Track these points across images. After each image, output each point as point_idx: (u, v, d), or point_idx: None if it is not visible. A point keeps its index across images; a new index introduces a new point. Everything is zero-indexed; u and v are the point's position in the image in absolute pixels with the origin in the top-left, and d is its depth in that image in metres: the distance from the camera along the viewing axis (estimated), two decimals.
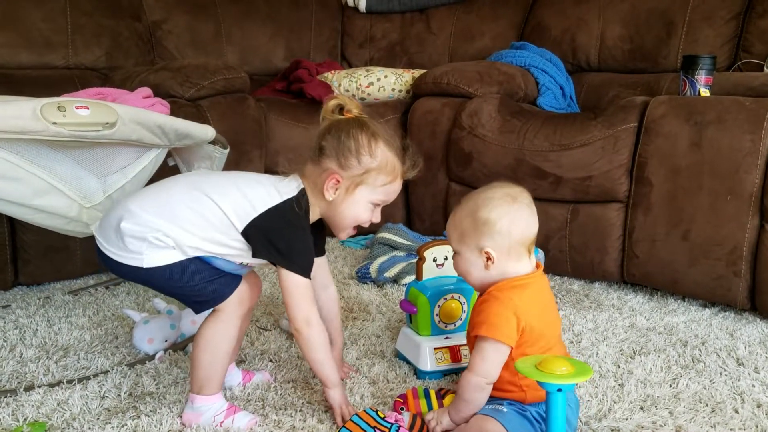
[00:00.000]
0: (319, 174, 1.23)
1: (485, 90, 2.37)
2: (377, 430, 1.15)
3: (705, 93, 2.02)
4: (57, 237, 1.81)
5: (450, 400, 1.28)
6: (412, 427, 1.21)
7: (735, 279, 1.78)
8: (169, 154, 1.62)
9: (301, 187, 1.25)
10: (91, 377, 1.42)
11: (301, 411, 1.29)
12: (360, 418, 1.17)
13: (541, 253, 1.56)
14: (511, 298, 1.15)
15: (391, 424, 1.16)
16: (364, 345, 1.61)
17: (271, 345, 1.61)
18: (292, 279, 1.21)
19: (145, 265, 1.17)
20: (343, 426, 1.16)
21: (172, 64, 2.51)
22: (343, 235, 1.31)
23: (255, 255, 1.21)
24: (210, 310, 1.25)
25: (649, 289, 2.03)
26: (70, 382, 1.40)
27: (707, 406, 1.32)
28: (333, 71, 2.91)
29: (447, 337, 1.49)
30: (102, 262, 1.24)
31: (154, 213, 1.18)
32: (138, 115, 1.43)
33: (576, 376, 1.00)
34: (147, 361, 1.51)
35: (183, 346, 1.58)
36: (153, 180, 1.42)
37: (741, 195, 1.74)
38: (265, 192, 1.22)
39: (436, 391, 1.34)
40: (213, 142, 1.60)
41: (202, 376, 1.24)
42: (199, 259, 1.21)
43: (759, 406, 1.32)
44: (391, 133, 1.28)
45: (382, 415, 1.18)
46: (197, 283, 1.20)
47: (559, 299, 1.95)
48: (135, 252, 1.18)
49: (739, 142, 1.74)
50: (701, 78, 2.02)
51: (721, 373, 1.46)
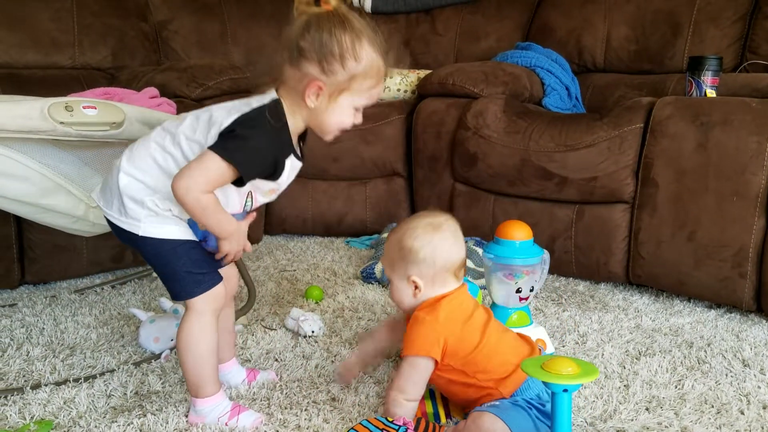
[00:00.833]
0: (300, 79, 1.14)
1: (490, 90, 2.37)
2: None
3: (711, 94, 2.02)
4: (63, 236, 1.83)
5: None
6: (417, 429, 1.20)
7: (741, 280, 1.78)
8: None
9: (275, 98, 1.18)
10: (98, 376, 1.43)
11: (306, 410, 1.29)
12: (369, 422, 1.17)
13: (546, 254, 1.55)
14: (436, 313, 1.21)
15: (399, 426, 1.16)
16: None
17: (277, 344, 1.61)
18: (217, 163, 1.10)
19: (141, 233, 1.18)
20: (352, 428, 1.16)
21: (178, 65, 2.53)
22: (329, 137, 1.22)
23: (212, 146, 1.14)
24: None
25: (655, 290, 2.03)
26: (76, 380, 1.40)
27: (713, 407, 1.32)
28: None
29: None
30: (109, 226, 1.24)
31: (145, 169, 1.18)
32: (145, 115, 1.43)
33: (582, 376, 1.00)
34: (153, 360, 1.52)
35: None
36: None
37: (747, 196, 1.74)
38: (234, 108, 1.17)
39: (440, 392, 1.34)
40: None
41: (194, 379, 1.23)
42: (192, 245, 1.20)
43: (765, 408, 1.32)
44: (373, 26, 1.18)
45: (390, 419, 1.18)
46: (179, 267, 1.19)
47: (564, 300, 1.96)
48: (134, 218, 1.18)
49: (745, 143, 1.73)
50: (707, 79, 2.02)
51: (726, 375, 1.46)
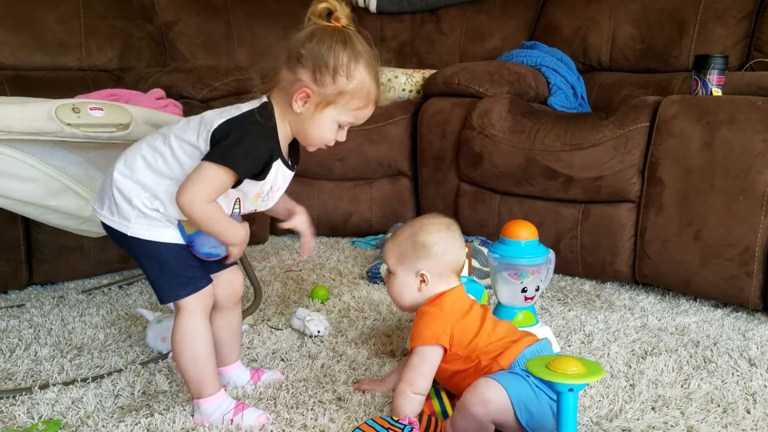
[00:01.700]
0: (292, 83, 1.17)
1: (496, 90, 2.37)
2: (390, 431, 1.15)
3: (717, 93, 2.02)
4: (71, 237, 1.84)
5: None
6: (427, 429, 1.21)
7: (747, 279, 1.77)
8: None
9: (264, 101, 1.20)
10: (105, 376, 1.44)
11: (312, 410, 1.29)
12: (375, 421, 1.17)
13: (552, 253, 1.55)
14: (441, 305, 1.27)
15: (404, 426, 1.16)
16: (374, 345, 1.62)
17: (283, 344, 1.62)
18: (214, 170, 1.13)
19: (129, 233, 1.20)
20: (357, 427, 1.17)
21: (184, 66, 2.53)
22: (311, 148, 1.25)
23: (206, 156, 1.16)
24: None
25: (661, 289, 2.03)
26: (84, 380, 1.41)
27: (719, 406, 1.31)
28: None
29: None
30: (103, 227, 1.26)
31: (134, 168, 1.20)
32: (151, 116, 1.44)
33: (587, 376, 1.00)
34: (160, 360, 1.52)
35: None
36: None
37: (753, 195, 1.73)
38: (225, 111, 1.20)
39: (447, 391, 1.34)
40: None
41: (194, 380, 1.24)
42: (179, 248, 1.22)
43: None
44: (375, 54, 1.21)
45: (396, 418, 1.18)
46: (165, 269, 1.21)
47: (570, 299, 1.95)
48: (124, 218, 1.20)
49: (752, 142, 1.73)
50: (713, 77, 2.02)
51: (733, 374, 1.46)
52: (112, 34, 2.64)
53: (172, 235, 1.22)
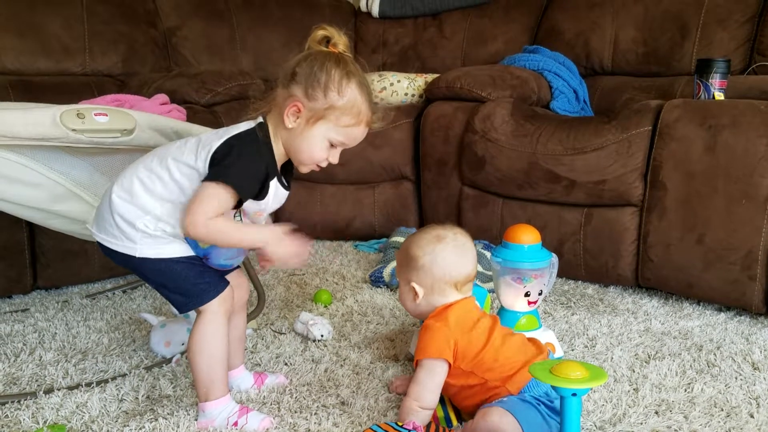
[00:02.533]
0: (285, 98, 1.20)
1: (498, 94, 2.38)
2: None
3: (719, 96, 2.02)
4: (75, 241, 1.84)
5: None
6: None
7: (750, 283, 1.77)
8: None
9: (260, 121, 1.22)
10: (110, 380, 1.44)
11: (316, 414, 1.30)
12: (379, 427, 1.17)
13: (555, 257, 1.56)
14: (446, 319, 1.25)
15: (408, 431, 1.16)
16: (377, 349, 1.62)
17: (286, 348, 1.62)
18: (216, 190, 1.15)
19: (138, 254, 1.20)
20: None
21: (187, 71, 2.55)
22: (304, 169, 1.26)
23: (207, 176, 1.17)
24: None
25: (664, 293, 2.02)
26: (88, 385, 1.41)
27: (722, 410, 1.31)
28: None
29: None
30: (102, 251, 1.26)
31: (133, 192, 1.20)
32: (155, 121, 1.45)
33: (591, 380, 1.00)
34: (164, 365, 1.53)
35: None
36: None
37: (756, 199, 1.73)
38: (222, 132, 1.21)
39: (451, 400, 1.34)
40: None
41: (205, 382, 1.25)
42: (191, 259, 1.22)
43: None
44: (369, 80, 1.23)
45: (401, 424, 1.18)
46: (181, 282, 1.22)
47: (573, 303, 1.95)
48: (129, 240, 1.20)
49: (754, 145, 1.73)
50: (715, 81, 2.02)
51: (736, 378, 1.46)
52: (116, 39, 2.65)
53: (180, 249, 1.22)
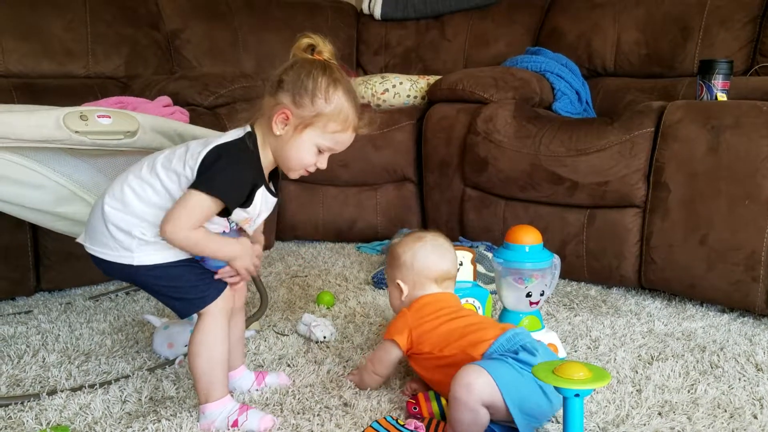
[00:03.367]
0: (272, 107, 1.21)
1: (500, 95, 2.38)
2: None
3: (722, 97, 2.02)
4: (78, 244, 1.84)
5: None
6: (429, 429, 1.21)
7: (753, 284, 1.77)
8: None
9: (248, 130, 1.23)
10: (113, 382, 1.44)
11: (318, 415, 1.30)
12: (380, 424, 1.18)
13: (557, 258, 1.55)
14: (411, 307, 1.38)
15: (410, 430, 1.16)
16: None
17: (289, 350, 1.62)
18: (200, 198, 1.16)
19: (135, 263, 1.21)
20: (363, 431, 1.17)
21: (190, 73, 2.55)
22: (293, 174, 1.27)
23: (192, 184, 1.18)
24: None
25: (667, 294, 2.02)
26: (91, 386, 1.42)
27: (726, 411, 1.31)
28: (349, 78, 2.93)
29: None
30: (96, 264, 1.27)
31: (125, 201, 1.21)
32: (158, 123, 1.45)
33: (594, 381, 1.00)
34: (167, 366, 1.53)
35: None
36: None
37: (759, 199, 1.73)
38: (210, 141, 1.22)
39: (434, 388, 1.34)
40: None
41: (205, 383, 1.25)
42: (185, 263, 1.23)
43: None
44: (355, 86, 1.24)
45: (402, 423, 1.18)
46: (181, 285, 1.22)
47: (576, 304, 1.95)
48: (125, 249, 1.21)
49: (757, 146, 1.73)
50: (718, 82, 2.02)
51: (739, 379, 1.45)
52: (119, 41, 2.66)
53: (177, 252, 1.23)
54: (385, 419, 1.20)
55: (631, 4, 2.67)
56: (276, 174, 1.32)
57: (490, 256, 2.08)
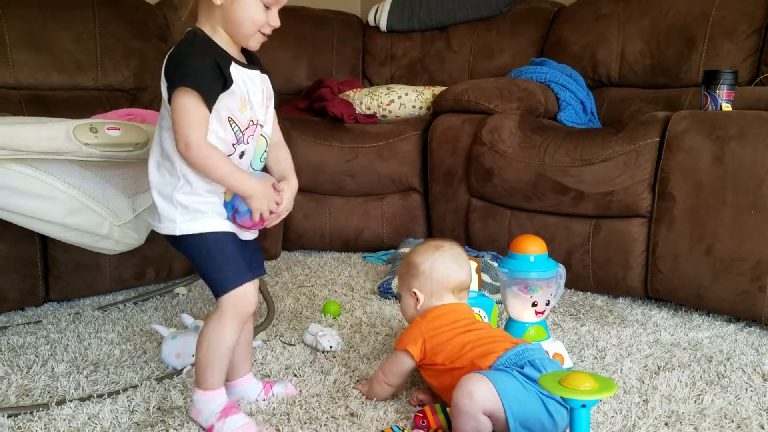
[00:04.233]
0: None
1: (505, 106, 2.39)
2: None
3: (727, 108, 2.02)
4: (87, 254, 1.87)
5: None
6: None
7: (760, 294, 1.77)
8: None
9: (190, 28, 1.25)
10: (121, 391, 1.45)
11: (325, 425, 1.30)
12: None
13: (562, 267, 1.56)
14: (425, 317, 1.37)
15: None
16: None
17: (296, 359, 1.63)
18: (179, 100, 1.18)
19: (178, 232, 1.23)
20: None
21: None
22: (252, 43, 1.26)
23: (169, 101, 1.20)
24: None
25: (673, 304, 2.02)
26: (100, 396, 1.42)
27: (732, 422, 1.31)
28: (355, 89, 2.95)
29: None
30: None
31: (156, 160, 1.25)
32: None
33: (600, 391, 1.01)
34: (175, 376, 1.53)
35: None
36: None
37: (764, 209, 1.73)
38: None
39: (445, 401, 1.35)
40: None
41: (202, 366, 1.27)
42: (227, 237, 1.25)
43: None
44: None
45: None
46: (220, 257, 1.24)
47: (582, 314, 1.95)
48: (169, 220, 1.24)
49: (762, 156, 1.73)
50: (723, 93, 2.02)
51: (746, 389, 1.45)
52: (128, 54, 2.69)
53: (217, 223, 1.25)
54: (391, 429, 1.20)
55: (636, 15, 2.68)
56: (249, 54, 1.31)
57: (495, 266, 2.08)
